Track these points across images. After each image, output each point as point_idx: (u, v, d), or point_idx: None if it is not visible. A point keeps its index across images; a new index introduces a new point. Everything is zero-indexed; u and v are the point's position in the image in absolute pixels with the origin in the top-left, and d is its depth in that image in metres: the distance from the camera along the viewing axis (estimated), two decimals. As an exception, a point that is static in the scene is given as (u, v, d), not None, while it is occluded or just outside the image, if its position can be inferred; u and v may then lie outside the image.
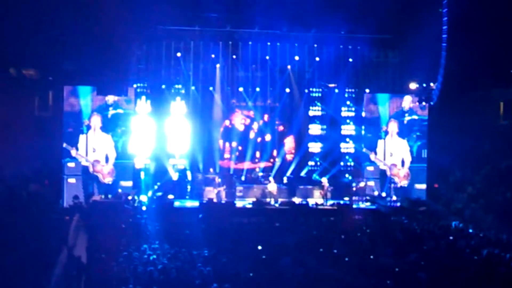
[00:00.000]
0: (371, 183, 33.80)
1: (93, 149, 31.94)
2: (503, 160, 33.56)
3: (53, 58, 31.48)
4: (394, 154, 34.26)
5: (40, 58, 32.19)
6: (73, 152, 31.56)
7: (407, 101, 34.42)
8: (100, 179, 31.90)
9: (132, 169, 32.50)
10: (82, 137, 31.79)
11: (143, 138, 32.94)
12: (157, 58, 33.84)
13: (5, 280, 16.22)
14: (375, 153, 34.01)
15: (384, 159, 34.16)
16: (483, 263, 20.36)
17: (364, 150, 33.95)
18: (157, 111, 33.47)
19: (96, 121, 31.93)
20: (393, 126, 34.30)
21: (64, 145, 31.45)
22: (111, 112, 32.15)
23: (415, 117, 34.37)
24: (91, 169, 31.85)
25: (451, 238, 24.03)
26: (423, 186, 33.82)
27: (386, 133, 34.17)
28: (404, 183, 34.00)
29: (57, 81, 32.94)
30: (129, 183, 31.98)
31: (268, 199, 31.53)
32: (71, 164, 31.66)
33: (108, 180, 31.90)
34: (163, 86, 33.57)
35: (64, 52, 30.81)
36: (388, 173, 34.05)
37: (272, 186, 32.24)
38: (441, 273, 18.63)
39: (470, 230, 25.97)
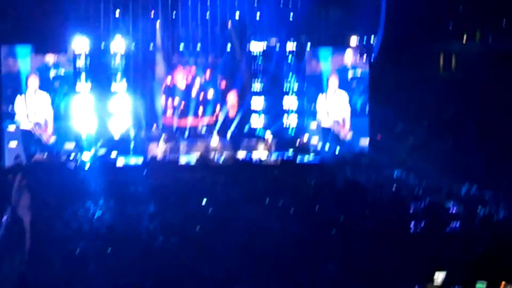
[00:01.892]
0: (315, 138, 33.94)
1: (34, 112, 31.43)
2: (444, 111, 34.04)
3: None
4: (337, 108, 34.33)
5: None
6: (18, 117, 31.05)
7: (349, 56, 34.41)
8: (44, 141, 31.45)
9: (74, 130, 32.09)
10: (19, 101, 31.23)
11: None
12: (95, 16, 33.34)
13: None
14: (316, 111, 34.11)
15: (328, 115, 34.21)
16: (427, 211, 20.74)
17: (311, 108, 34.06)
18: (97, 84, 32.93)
19: (33, 82, 31.37)
20: (333, 81, 34.20)
21: (9, 109, 30.92)
22: (52, 72, 31.67)
23: (358, 71, 34.33)
24: (35, 132, 31.38)
25: (394, 188, 24.38)
26: (366, 141, 34.01)
27: (324, 90, 34.23)
28: (349, 135, 34.09)
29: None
30: (72, 145, 31.61)
31: (212, 155, 31.51)
32: (11, 127, 31.12)
33: (52, 139, 31.48)
34: (103, 44, 33.06)
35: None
36: (334, 128, 34.16)
37: (215, 142, 32.24)
38: (385, 222, 18.92)
39: (412, 179, 26.34)
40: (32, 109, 31.40)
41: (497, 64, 35.43)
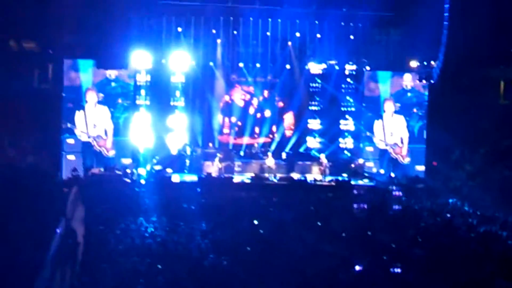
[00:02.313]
0: (370, 163, 33.80)
1: (94, 125, 31.85)
2: (502, 139, 33.57)
3: (53, 31, 31.36)
4: (395, 133, 34.20)
5: (40, 31, 32.12)
6: (76, 131, 31.50)
7: (408, 80, 34.32)
8: (104, 153, 31.83)
9: (131, 145, 32.40)
10: (79, 115, 31.66)
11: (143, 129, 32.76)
12: (158, 33, 33.70)
13: (2, 250, 16.21)
14: (373, 134, 34.00)
15: (385, 139, 34.07)
16: (480, 240, 20.42)
17: (367, 134, 33.95)
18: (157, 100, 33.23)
19: (92, 96, 31.81)
20: (389, 105, 34.23)
21: (69, 125, 31.36)
22: (113, 85, 32.08)
23: (417, 96, 34.25)
24: (95, 146, 31.78)
25: (448, 215, 24.09)
26: (422, 168, 33.78)
27: (381, 115, 34.13)
28: (407, 160, 33.98)
29: (57, 54, 32.79)
30: (129, 160, 31.93)
31: (266, 174, 31.53)
32: (71, 141, 31.59)
33: (112, 153, 31.91)
34: (163, 61, 33.35)
35: (65, 25, 30.67)
36: (392, 152, 33.99)
37: (270, 161, 32.30)
38: (437, 250, 18.67)
39: (467, 208, 26.02)
40: (91, 123, 31.82)
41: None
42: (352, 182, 30.99)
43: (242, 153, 33.88)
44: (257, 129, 34.77)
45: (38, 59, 34.21)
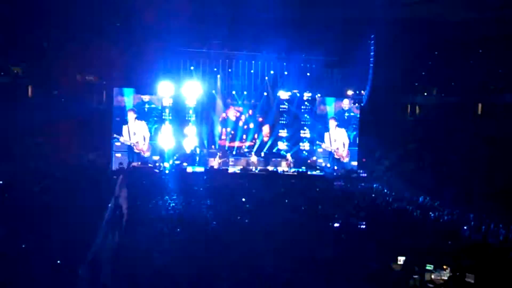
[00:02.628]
0: (320, 160, 33.84)
1: (134, 133, 31.64)
2: (408, 143, 33.82)
3: (107, 67, 31.26)
4: (337, 140, 34.14)
5: (97, 68, 32.02)
6: (122, 139, 31.30)
7: (346, 103, 34.31)
8: (141, 154, 31.67)
9: (159, 147, 32.26)
10: (124, 127, 31.47)
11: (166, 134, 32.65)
12: (177, 69, 33.62)
13: (74, 218, 16.19)
14: (323, 141, 34.00)
15: (331, 145, 34.15)
16: (394, 213, 20.58)
17: (318, 143, 33.94)
18: (176, 116, 33.17)
19: (130, 115, 31.61)
20: (332, 123, 34.13)
21: (114, 135, 31.21)
22: (147, 106, 31.91)
23: (352, 114, 34.24)
24: (135, 149, 31.63)
25: (373, 195, 24.23)
26: (355, 163, 33.84)
27: (328, 128, 34.19)
28: (346, 160, 33.94)
29: (109, 84, 32.68)
30: (157, 157, 31.80)
31: (250, 167, 31.54)
32: (118, 143, 31.37)
33: (147, 154, 31.71)
34: (181, 89, 33.19)
35: (114, 64, 30.57)
36: (335, 154, 34.04)
37: (253, 158, 32.26)
38: (365, 219, 18.83)
39: (386, 190, 26.16)
40: (132, 132, 31.62)
41: (447, 112, 35.25)
42: (308, 173, 31.01)
43: (234, 152, 33.77)
44: (244, 136, 34.70)
45: (96, 88, 34.18)
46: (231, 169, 31.10)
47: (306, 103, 34.89)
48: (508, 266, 14.62)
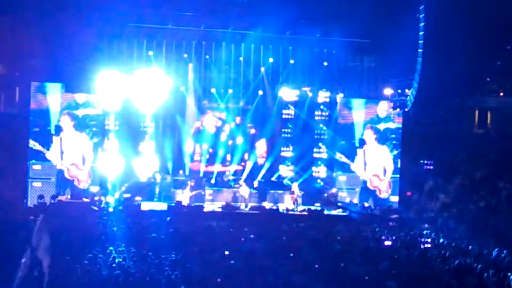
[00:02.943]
0: (343, 193, 33.82)
1: (68, 150, 31.54)
2: (477, 169, 33.77)
3: (21, 53, 31.23)
4: (375, 163, 34.20)
5: (7, 53, 31.98)
6: (47, 155, 31.21)
7: (383, 108, 34.36)
8: (76, 184, 31.58)
9: (99, 172, 32.20)
10: (55, 139, 31.44)
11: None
12: (128, 57, 33.57)
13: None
14: (351, 161, 34.02)
15: (365, 169, 34.12)
16: (454, 273, 20.50)
17: (338, 156, 33.89)
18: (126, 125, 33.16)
19: (66, 121, 31.59)
20: (369, 135, 34.17)
21: (32, 143, 31.02)
22: (82, 111, 31.84)
23: (392, 124, 34.27)
24: (66, 174, 31.54)
25: (422, 247, 24.15)
26: (396, 198, 33.86)
27: (363, 141, 34.15)
28: (384, 195, 33.97)
29: (24, 77, 32.64)
30: (96, 188, 31.72)
31: (238, 204, 31.51)
32: (37, 167, 31.29)
33: (84, 186, 31.63)
34: (133, 86, 33.23)
35: (32, 48, 30.53)
36: (369, 184, 34.04)
37: (244, 190, 32.22)
38: (411, 283, 18.72)
39: (442, 240, 26.10)
40: (67, 149, 31.50)
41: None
42: (325, 212, 31.01)
43: (213, 181, 33.80)
44: (228, 157, 34.79)
45: (4, 82, 34.11)
46: (208, 207, 31.12)
47: (321, 106, 35.03)
48: None
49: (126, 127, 33.01)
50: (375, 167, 34.16)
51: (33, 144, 31.13)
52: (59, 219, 25.31)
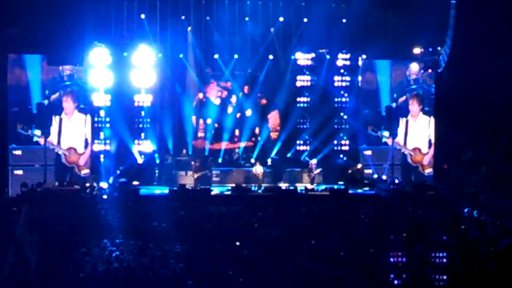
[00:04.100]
0: (368, 171, 33.90)
1: (68, 133, 31.75)
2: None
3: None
4: (418, 135, 34.42)
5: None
6: (41, 140, 31.26)
7: (413, 69, 34.38)
8: (76, 171, 31.73)
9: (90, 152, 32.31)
10: (55, 121, 31.58)
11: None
12: (118, 21, 33.50)
13: None
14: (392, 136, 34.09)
15: (405, 143, 34.30)
16: (501, 256, 20.46)
17: (381, 135, 33.93)
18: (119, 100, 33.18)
19: (68, 102, 31.82)
20: (414, 104, 34.41)
21: (19, 127, 31.13)
22: (67, 85, 31.85)
23: (423, 87, 34.30)
24: (64, 160, 31.68)
25: (463, 227, 24.16)
26: (430, 170, 33.96)
27: (402, 110, 34.25)
28: (428, 171, 34.19)
29: (-1, 48, 32.64)
30: (87, 172, 31.86)
31: (250, 185, 31.58)
32: (18, 152, 31.38)
33: (85, 172, 31.85)
34: (125, 54, 33.23)
35: (8, 15, 30.50)
36: (410, 159, 34.14)
37: (258, 169, 32.39)
38: (452, 269, 18.73)
39: (483, 217, 26.09)
40: (67, 132, 31.66)
41: None
42: (350, 192, 31.02)
43: (220, 160, 33.88)
44: (237, 132, 34.82)
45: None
46: (215, 190, 31.18)
47: (341, 71, 34.94)
48: None
49: (118, 102, 32.94)
50: (418, 139, 34.34)
51: (20, 127, 31.14)
52: (47, 210, 25.41)
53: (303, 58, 34.99)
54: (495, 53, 35.60)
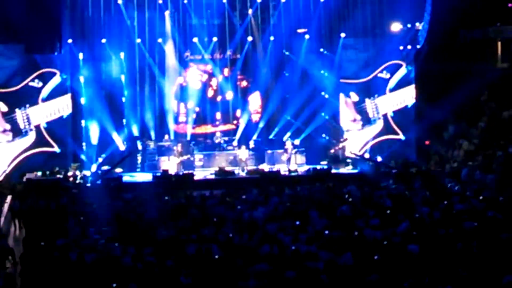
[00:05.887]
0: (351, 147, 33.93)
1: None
2: (503, 109, 33.79)
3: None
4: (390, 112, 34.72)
5: None
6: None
7: (393, 47, 34.61)
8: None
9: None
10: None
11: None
12: (95, 7, 33.33)
13: None
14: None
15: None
16: (485, 230, 20.58)
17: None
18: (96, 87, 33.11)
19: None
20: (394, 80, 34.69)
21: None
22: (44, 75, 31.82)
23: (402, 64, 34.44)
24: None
25: (446, 202, 24.24)
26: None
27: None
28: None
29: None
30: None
31: (233, 168, 31.61)
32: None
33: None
34: (104, 41, 33.14)
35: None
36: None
37: (243, 153, 32.43)
38: (436, 245, 18.81)
39: (468, 193, 26.19)
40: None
41: None
42: (333, 171, 31.10)
43: (202, 145, 33.85)
44: (218, 115, 34.80)
45: None
46: (199, 174, 31.25)
47: (321, 49, 34.91)
48: None
49: (96, 88, 32.87)
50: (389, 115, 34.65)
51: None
52: (30, 200, 25.39)
53: (282, 38, 34.89)
54: (473, 26, 35.76)
